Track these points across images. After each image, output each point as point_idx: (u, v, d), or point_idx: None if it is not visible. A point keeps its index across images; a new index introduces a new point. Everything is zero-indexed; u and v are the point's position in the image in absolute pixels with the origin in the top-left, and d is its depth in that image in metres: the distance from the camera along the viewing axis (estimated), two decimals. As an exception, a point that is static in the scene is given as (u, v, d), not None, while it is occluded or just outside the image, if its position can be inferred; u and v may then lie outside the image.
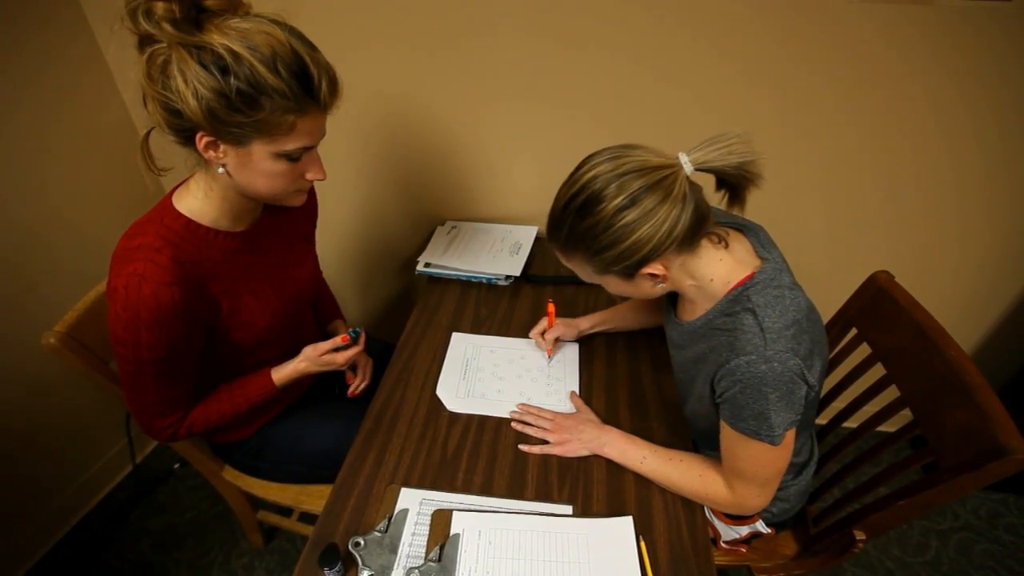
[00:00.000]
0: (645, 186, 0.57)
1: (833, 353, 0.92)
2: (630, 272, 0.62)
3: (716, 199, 0.67)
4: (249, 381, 0.82)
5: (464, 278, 1.15)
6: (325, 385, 1.02)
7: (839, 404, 1.06)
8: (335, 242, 1.37)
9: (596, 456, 0.81)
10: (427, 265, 1.17)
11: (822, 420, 1.04)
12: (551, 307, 0.92)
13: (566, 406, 0.89)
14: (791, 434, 0.65)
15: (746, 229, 0.70)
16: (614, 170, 0.59)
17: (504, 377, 0.93)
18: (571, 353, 0.99)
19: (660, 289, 0.67)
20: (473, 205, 1.28)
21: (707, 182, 0.65)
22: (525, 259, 1.16)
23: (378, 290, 1.45)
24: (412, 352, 0.98)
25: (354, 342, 0.85)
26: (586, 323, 0.96)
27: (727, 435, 0.67)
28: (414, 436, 0.84)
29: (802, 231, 1.15)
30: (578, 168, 0.62)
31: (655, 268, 0.62)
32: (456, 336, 1.01)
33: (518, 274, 1.13)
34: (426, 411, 0.87)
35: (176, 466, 1.38)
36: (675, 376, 0.82)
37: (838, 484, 0.88)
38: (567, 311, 1.04)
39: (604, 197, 0.57)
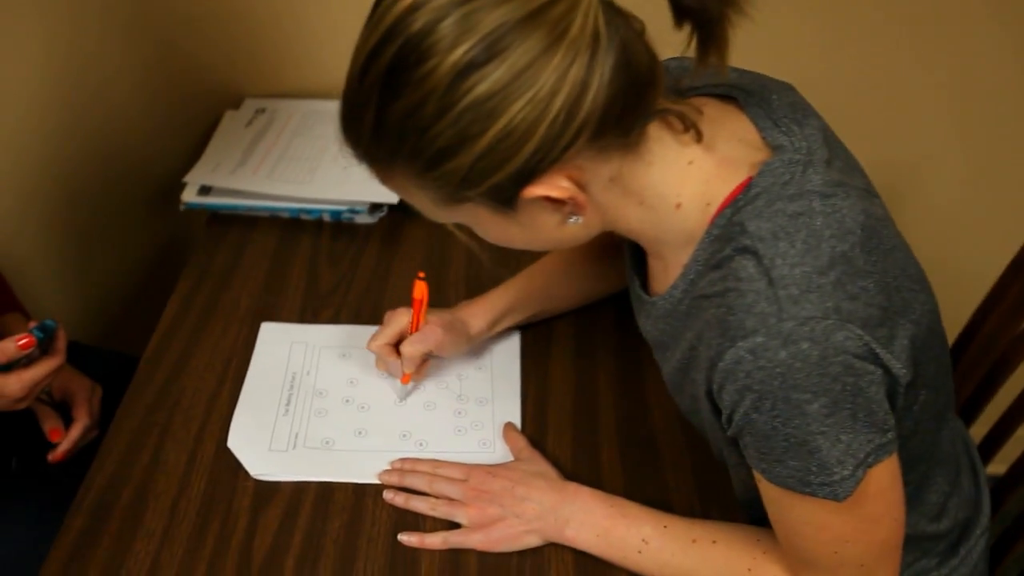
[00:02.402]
0: (512, 21, 0.56)
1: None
2: (506, 197, 0.62)
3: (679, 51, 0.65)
4: None
5: (286, 213, 1.19)
6: None
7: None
8: (2, 160, 1.34)
9: (554, 547, 0.82)
10: (204, 192, 1.20)
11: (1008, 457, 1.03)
12: (420, 287, 0.90)
13: (495, 451, 0.90)
14: (883, 470, 0.65)
15: (744, 95, 0.71)
16: None
17: (369, 404, 0.95)
18: (507, 347, 1.01)
19: (577, 231, 0.68)
20: (299, 65, 1.34)
21: (657, 17, 0.62)
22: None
23: (103, 254, 1.48)
24: (176, 367, 0.99)
25: (42, 347, 0.86)
26: (481, 317, 0.96)
27: (767, 493, 0.69)
28: (180, 536, 0.83)
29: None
30: None
31: (552, 186, 0.61)
32: (268, 329, 1.03)
33: (396, 201, 1.17)
34: (206, 483, 0.87)
35: None
36: (675, 400, 0.84)
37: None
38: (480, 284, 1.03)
39: (434, 46, 0.56)
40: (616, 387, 0.96)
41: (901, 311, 0.65)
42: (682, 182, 0.67)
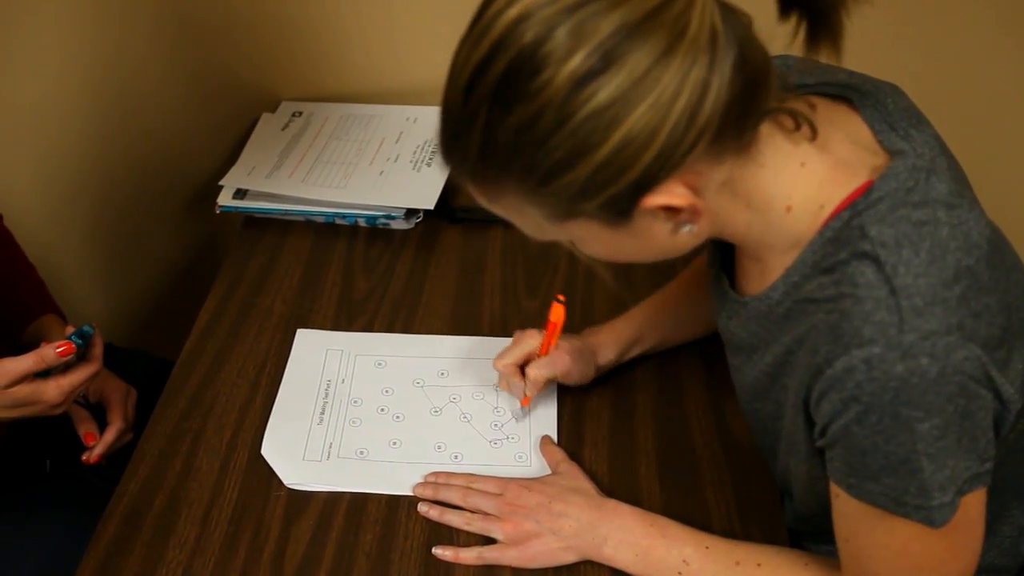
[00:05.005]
0: (627, 26, 0.54)
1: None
2: (622, 208, 0.60)
3: (781, 45, 0.63)
4: None
5: (321, 217, 1.19)
6: (20, 456, 1.02)
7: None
8: (44, 165, 1.36)
9: (591, 564, 0.81)
10: (239, 195, 1.20)
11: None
12: (558, 310, 0.88)
13: (531, 465, 0.90)
14: (974, 501, 0.64)
15: (859, 96, 0.70)
16: (558, 0, 0.55)
17: (404, 414, 0.95)
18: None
19: (688, 239, 0.66)
20: (335, 70, 1.35)
21: (759, 6, 0.61)
22: (447, 176, 1.17)
23: (139, 256, 1.50)
24: (209, 373, 0.99)
25: (79, 353, 0.86)
26: (610, 348, 0.95)
27: (844, 510, 0.67)
28: (212, 545, 0.83)
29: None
30: (487, 4, 0.59)
31: (671, 194, 0.59)
32: (304, 335, 1.03)
33: (432, 206, 1.17)
34: (239, 492, 0.88)
35: None
36: (742, 404, 0.82)
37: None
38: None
39: (548, 56, 0.55)
40: (654, 400, 0.96)
41: (1018, 333, 0.63)
42: (794, 184, 0.65)
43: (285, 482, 0.87)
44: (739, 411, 0.87)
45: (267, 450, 0.90)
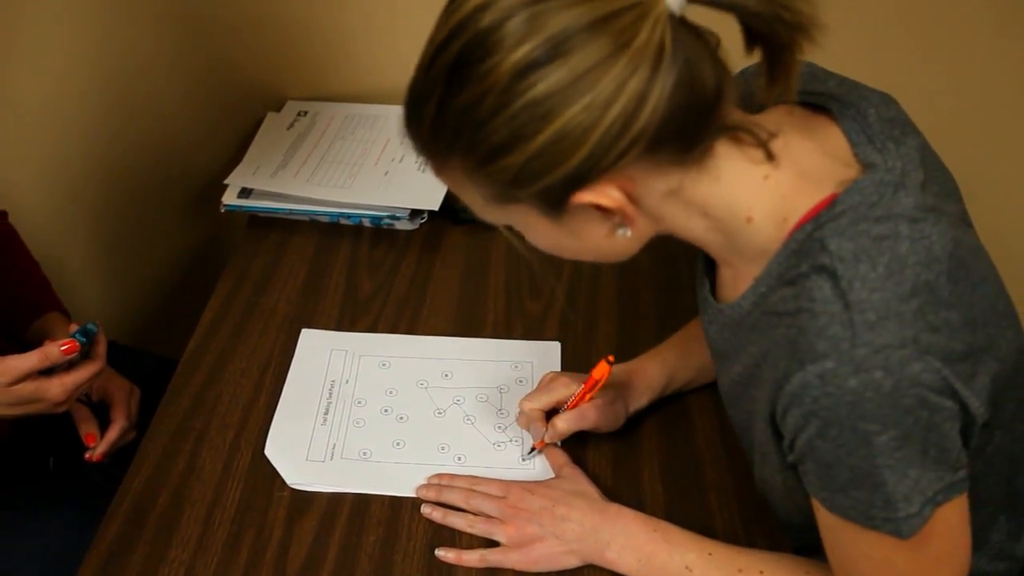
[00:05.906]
0: (578, 25, 0.57)
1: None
2: (555, 200, 0.63)
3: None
4: None
5: (325, 217, 1.20)
6: (23, 454, 1.03)
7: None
8: (49, 163, 1.37)
9: (593, 567, 0.81)
10: (244, 194, 1.21)
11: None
12: (603, 369, 0.85)
13: (535, 468, 0.90)
14: (954, 509, 0.64)
15: (840, 106, 0.70)
16: None
17: (408, 415, 0.95)
18: (547, 360, 1.01)
19: (626, 243, 0.68)
20: (341, 69, 1.36)
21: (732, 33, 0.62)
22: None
23: (143, 255, 1.52)
24: (213, 372, 1.00)
25: (83, 351, 0.86)
26: (645, 394, 0.93)
27: (825, 522, 0.68)
28: (215, 545, 0.83)
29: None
30: None
31: (603, 195, 0.62)
32: (308, 335, 1.03)
33: (437, 207, 1.17)
34: (242, 491, 0.88)
35: None
36: (728, 413, 0.82)
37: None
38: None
39: (498, 43, 0.58)
40: (658, 404, 0.95)
41: (986, 347, 0.63)
42: (755, 196, 0.66)
43: (288, 482, 0.87)
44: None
45: (270, 450, 0.90)
